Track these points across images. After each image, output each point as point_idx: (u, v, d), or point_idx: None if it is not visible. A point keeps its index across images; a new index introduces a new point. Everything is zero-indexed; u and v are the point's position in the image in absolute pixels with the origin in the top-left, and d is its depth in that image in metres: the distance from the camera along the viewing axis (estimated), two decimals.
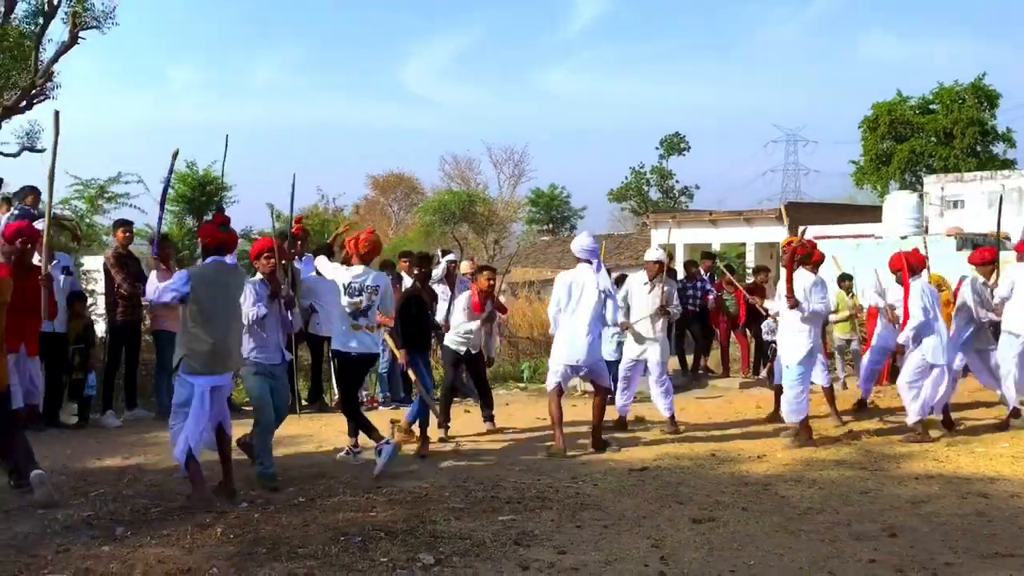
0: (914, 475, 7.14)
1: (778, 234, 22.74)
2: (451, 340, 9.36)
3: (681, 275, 13.60)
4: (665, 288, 9.22)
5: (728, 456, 7.91)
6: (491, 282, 9.51)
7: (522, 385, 12.92)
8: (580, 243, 8.47)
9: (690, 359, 13.66)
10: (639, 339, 9.28)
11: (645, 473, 7.23)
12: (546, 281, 23.48)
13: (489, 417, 9.46)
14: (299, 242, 10.55)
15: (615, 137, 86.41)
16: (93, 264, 11.07)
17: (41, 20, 16.37)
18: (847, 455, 7.95)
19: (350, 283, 7.66)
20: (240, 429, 7.21)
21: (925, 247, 9.60)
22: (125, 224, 10.28)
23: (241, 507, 6.18)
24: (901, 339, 8.74)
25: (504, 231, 44.07)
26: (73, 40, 16.36)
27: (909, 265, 8.73)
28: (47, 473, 6.41)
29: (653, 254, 9.72)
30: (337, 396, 11.03)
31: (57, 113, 6.80)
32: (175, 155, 7.40)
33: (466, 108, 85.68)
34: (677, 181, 47.10)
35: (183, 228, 18.41)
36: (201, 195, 20.33)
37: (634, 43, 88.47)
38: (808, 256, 8.80)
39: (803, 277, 8.58)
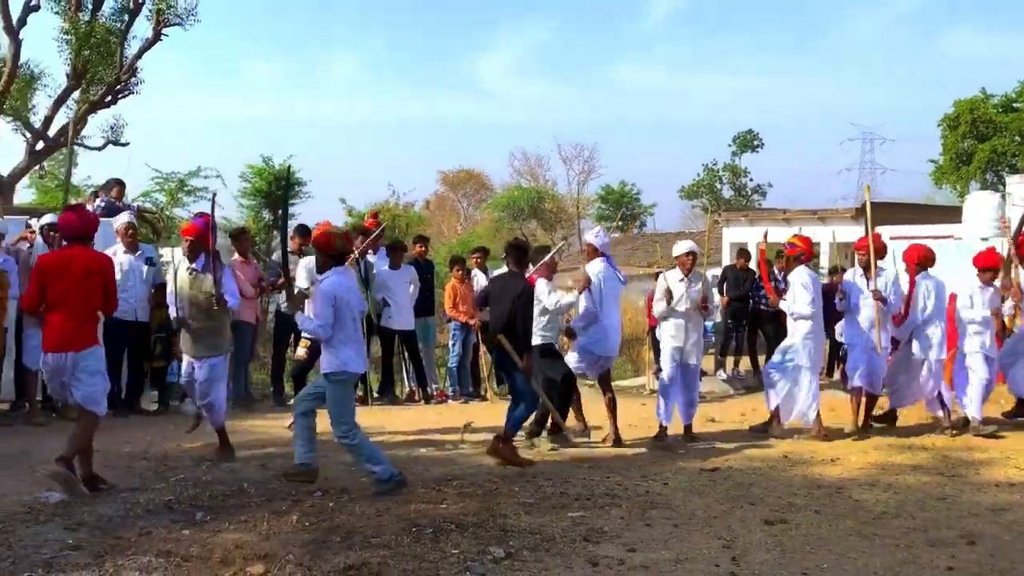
0: (994, 482, 6.97)
1: (853, 233, 22.30)
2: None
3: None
4: (701, 285, 8.62)
5: (801, 458, 7.81)
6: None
7: (590, 382, 12.88)
8: (599, 239, 8.75)
9: (762, 359, 13.49)
10: (678, 341, 8.60)
11: (716, 473, 7.19)
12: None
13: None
14: (375, 236, 10.69)
15: (687, 133, 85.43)
16: (171, 256, 11.33)
17: (127, 17, 16.84)
18: (924, 460, 7.78)
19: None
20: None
21: (1010, 248, 9.35)
22: (203, 216, 10.50)
23: (316, 496, 6.31)
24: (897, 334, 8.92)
25: (573, 228, 44.05)
26: (157, 37, 16.80)
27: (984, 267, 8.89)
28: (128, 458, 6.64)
29: (684, 245, 8.75)
30: (408, 389, 11.23)
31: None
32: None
33: (537, 104, 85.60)
34: (750, 179, 46.56)
35: (260, 221, 18.77)
36: (276, 189, 20.76)
37: (710, 37, 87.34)
38: (803, 254, 8.81)
39: (799, 275, 8.65)
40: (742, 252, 13.93)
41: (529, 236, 36.18)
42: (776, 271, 13.47)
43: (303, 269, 9.37)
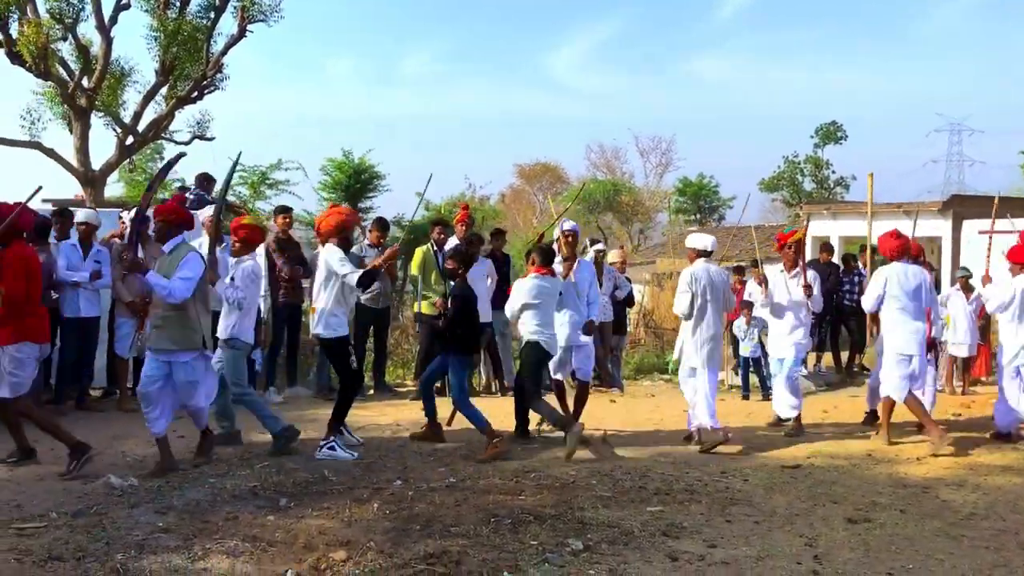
0: None
1: (940, 228, 21.69)
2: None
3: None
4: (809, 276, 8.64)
5: (885, 456, 7.64)
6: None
7: (667, 377, 12.80)
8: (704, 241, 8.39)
9: (845, 356, 13.24)
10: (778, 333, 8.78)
11: (798, 471, 7.07)
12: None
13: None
14: (464, 227, 10.75)
15: (767, 125, 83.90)
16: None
17: (212, 14, 17.22)
18: (1014, 460, 7.55)
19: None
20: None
21: None
22: (285, 210, 10.73)
23: (396, 485, 6.39)
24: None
25: (649, 221, 43.72)
26: (241, 33, 17.15)
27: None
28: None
29: (697, 240, 8.46)
30: (486, 380, 11.28)
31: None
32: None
33: (613, 96, 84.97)
34: (833, 171, 45.59)
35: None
36: (356, 182, 21.01)
37: (790, 28, 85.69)
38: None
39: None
40: (825, 246, 13.66)
41: (605, 229, 36.04)
42: (861, 266, 13.19)
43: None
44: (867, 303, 8.34)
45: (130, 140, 17.98)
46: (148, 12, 17.10)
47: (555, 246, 8.49)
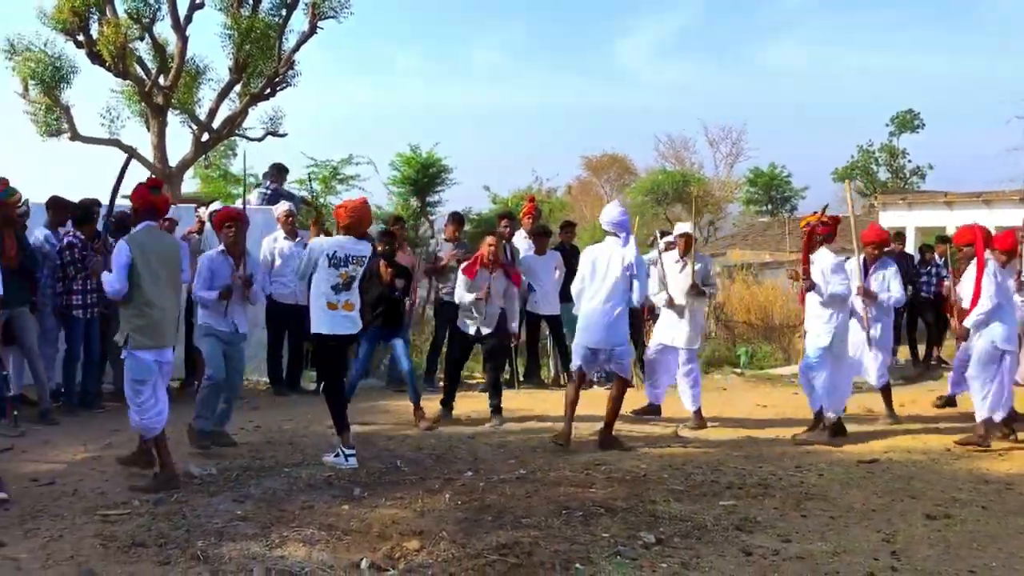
0: None
1: (1020, 217, 21.07)
2: (460, 319, 8.78)
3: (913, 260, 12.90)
4: (697, 266, 8.49)
5: (964, 451, 7.46)
6: (492, 247, 8.53)
7: (739, 371, 12.66)
8: (608, 214, 7.75)
9: (922, 349, 12.94)
10: (668, 322, 8.57)
11: (874, 465, 6.94)
12: (764, 264, 22.87)
13: (496, 408, 8.67)
14: (531, 219, 10.78)
15: (841, 113, 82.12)
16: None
17: (284, 12, 17.42)
18: None
19: (334, 252, 6.88)
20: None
21: None
22: None
23: (467, 476, 6.44)
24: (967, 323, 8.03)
25: (720, 212, 43.21)
26: (312, 30, 17.32)
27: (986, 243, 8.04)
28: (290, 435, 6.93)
29: (681, 227, 8.88)
30: (554, 373, 11.29)
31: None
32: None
33: (682, 85, 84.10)
34: (909, 160, 44.52)
35: (408, 209, 19.13)
36: (424, 177, 21.14)
37: (862, 12, 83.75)
38: (831, 235, 8.17)
39: (823, 257, 7.99)
40: (899, 236, 13.35)
41: (674, 220, 35.66)
42: (938, 257, 12.87)
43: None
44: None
45: (205, 137, 18.32)
46: (222, 11, 17.37)
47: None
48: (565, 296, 10.81)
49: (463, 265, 8.64)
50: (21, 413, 7.78)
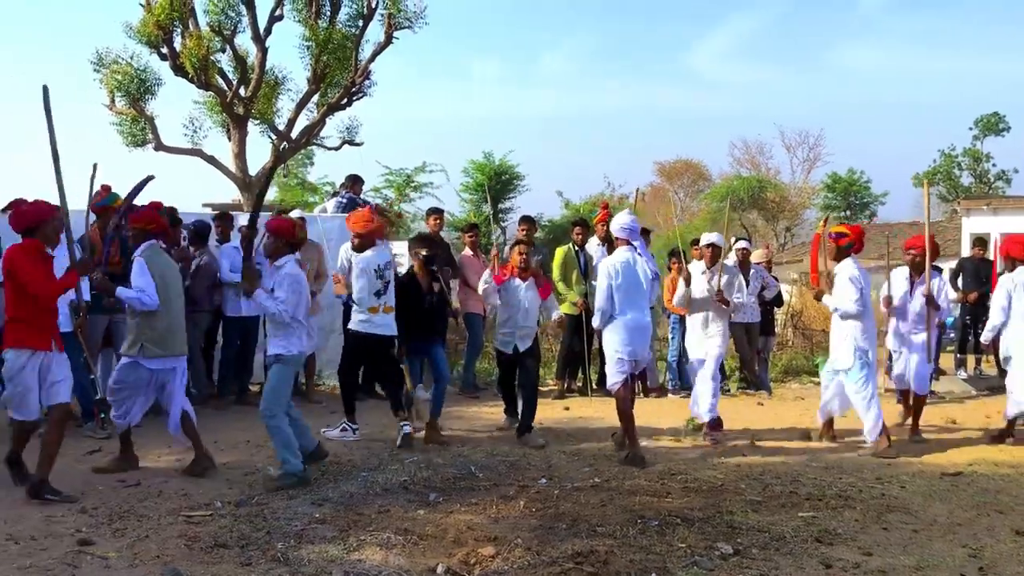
0: None
1: None
2: (497, 340, 8.43)
3: (1000, 267, 12.51)
4: (724, 277, 8.33)
5: None
6: (523, 256, 8.29)
7: (816, 379, 12.42)
8: (621, 221, 7.75)
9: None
10: (699, 336, 8.43)
11: (959, 478, 6.76)
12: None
13: (526, 428, 8.07)
14: (605, 226, 10.77)
15: (922, 117, 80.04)
16: (398, 249, 11.90)
17: (361, 23, 17.71)
18: None
19: (376, 264, 7.69)
20: None
21: None
22: (436, 212, 10.97)
23: (541, 483, 6.45)
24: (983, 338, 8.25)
25: (796, 218, 42.49)
26: (388, 40, 17.57)
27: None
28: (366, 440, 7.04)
29: (708, 237, 8.67)
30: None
31: (45, 88, 5.99)
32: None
33: (757, 90, 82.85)
34: (993, 164, 43.23)
35: (481, 215, 19.27)
36: (496, 183, 21.28)
37: (942, 14, 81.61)
38: (856, 246, 7.97)
39: (847, 268, 7.83)
40: (978, 241, 12.97)
41: (749, 227, 35.23)
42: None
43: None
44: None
45: (284, 146, 18.70)
46: (300, 22, 17.73)
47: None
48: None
49: (493, 273, 8.38)
50: (108, 416, 8.01)
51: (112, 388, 6.70)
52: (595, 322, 7.66)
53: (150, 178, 7.20)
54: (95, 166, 7.07)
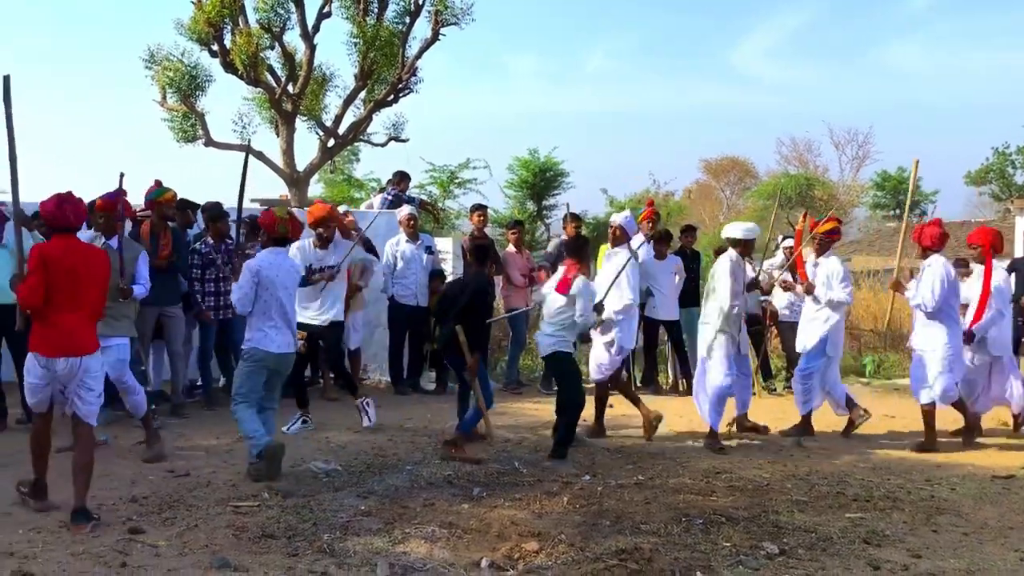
0: None
1: None
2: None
3: None
4: (757, 268, 8.44)
5: None
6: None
7: (864, 380, 12.28)
8: (621, 217, 8.40)
9: None
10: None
11: (1011, 481, 6.63)
12: (890, 270, 22.05)
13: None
14: (650, 224, 10.75)
15: (973, 115, 78.49)
16: (442, 245, 11.96)
17: (408, 19, 17.84)
18: None
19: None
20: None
21: None
22: (480, 208, 11.00)
23: (585, 480, 6.44)
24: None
25: (845, 216, 41.95)
26: (435, 37, 17.68)
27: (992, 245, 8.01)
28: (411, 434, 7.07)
29: (738, 230, 8.07)
30: (672, 379, 11.18)
31: (7, 78, 5.61)
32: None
33: (805, 87, 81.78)
34: None
35: (525, 212, 19.26)
36: (541, 181, 21.24)
37: (992, 13, 79.88)
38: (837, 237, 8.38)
39: (829, 264, 8.15)
40: None
41: (796, 225, 34.77)
42: None
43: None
44: None
45: (331, 143, 18.88)
46: (348, 19, 17.91)
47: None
48: (684, 301, 10.73)
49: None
50: (157, 408, 8.18)
51: None
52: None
53: (246, 160, 7.63)
54: (122, 175, 7.02)
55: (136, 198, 7.94)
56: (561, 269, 7.49)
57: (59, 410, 5.50)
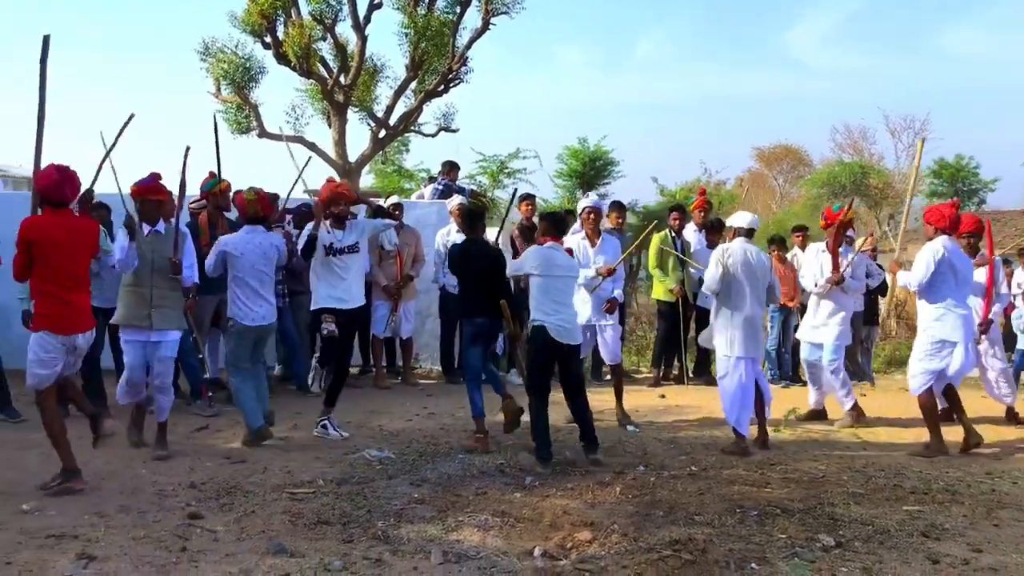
0: None
1: None
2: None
3: None
4: (853, 257, 8.30)
5: None
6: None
7: None
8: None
9: None
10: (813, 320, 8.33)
11: None
12: None
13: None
14: (702, 212, 10.69)
15: None
16: (492, 235, 11.94)
17: (458, 9, 17.83)
18: None
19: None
20: None
21: None
22: (528, 198, 10.97)
23: (638, 470, 6.42)
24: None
25: (901, 205, 41.21)
26: (485, 26, 17.66)
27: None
28: (464, 421, 7.11)
29: (738, 219, 7.72)
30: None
31: (46, 38, 5.88)
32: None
33: (860, 73, 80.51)
34: None
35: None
36: (590, 169, 21.19)
37: None
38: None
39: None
40: None
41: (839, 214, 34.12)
42: None
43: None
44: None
45: (382, 133, 18.99)
46: (399, 10, 17.96)
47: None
48: None
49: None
50: (214, 395, 8.31)
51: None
52: None
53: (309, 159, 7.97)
54: (187, 148, 6.91)
55: (191, 188, 8.04)
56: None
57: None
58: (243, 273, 6.99)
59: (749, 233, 7.55)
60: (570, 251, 7.47)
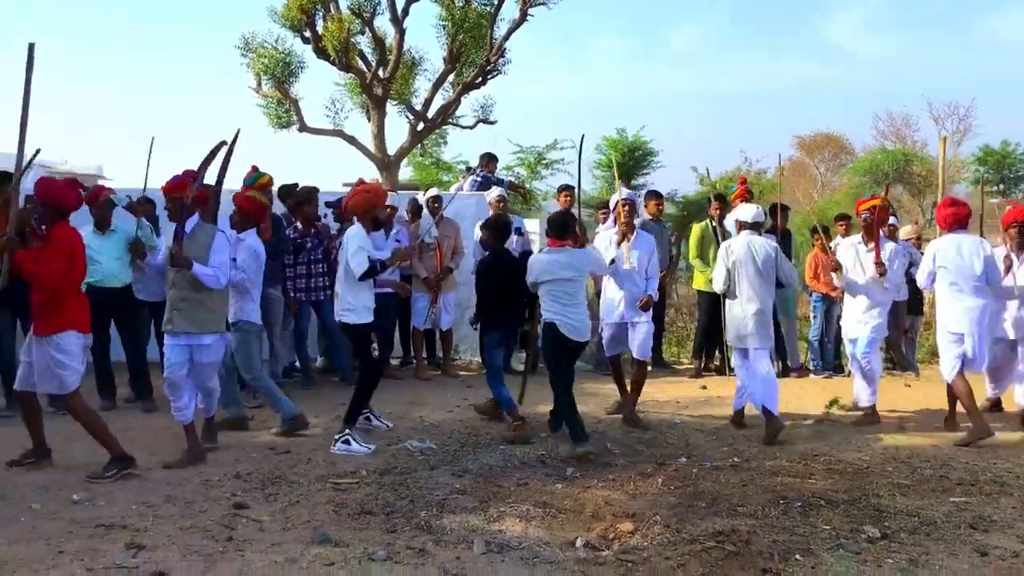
0: None
1: None
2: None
3: None
4: (889, 250, 8.01)
5: None
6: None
7: None
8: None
9: None
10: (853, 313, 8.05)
11: None
12: (994, 247, 21.22)
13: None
14: (742, 202, 10.58)
15: None
16: (530, 226, 11.95)
17: (495, 1, 17.79)
18: None
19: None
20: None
21: None
22: (567, 189, 10.95)
23: (680, 461, 6.40)
24: None
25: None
26: (523, 17, 17.60)
27: None
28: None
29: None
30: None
31: (31, 46, 5.73)
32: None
33: (901, 60, 78.99)
34: None
35: (610, 192, 19.12)
36: (629, 160, 21.07)
37: None
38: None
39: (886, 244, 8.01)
40: None
41: (894, 202, 33.73)
42: None
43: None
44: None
45: (421, 126, 19.02)
46: (437, 2, 17.96)
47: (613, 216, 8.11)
48: (778, 282, 10.53)
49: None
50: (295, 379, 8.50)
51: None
52: None
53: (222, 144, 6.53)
54: (238, 131, 6.63)
55: (234, 182, 8.11)
56: None
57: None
58: (258, 275, 7.28)
59: (754, 226, 7.57)
60: (580, 243, 7.31)
